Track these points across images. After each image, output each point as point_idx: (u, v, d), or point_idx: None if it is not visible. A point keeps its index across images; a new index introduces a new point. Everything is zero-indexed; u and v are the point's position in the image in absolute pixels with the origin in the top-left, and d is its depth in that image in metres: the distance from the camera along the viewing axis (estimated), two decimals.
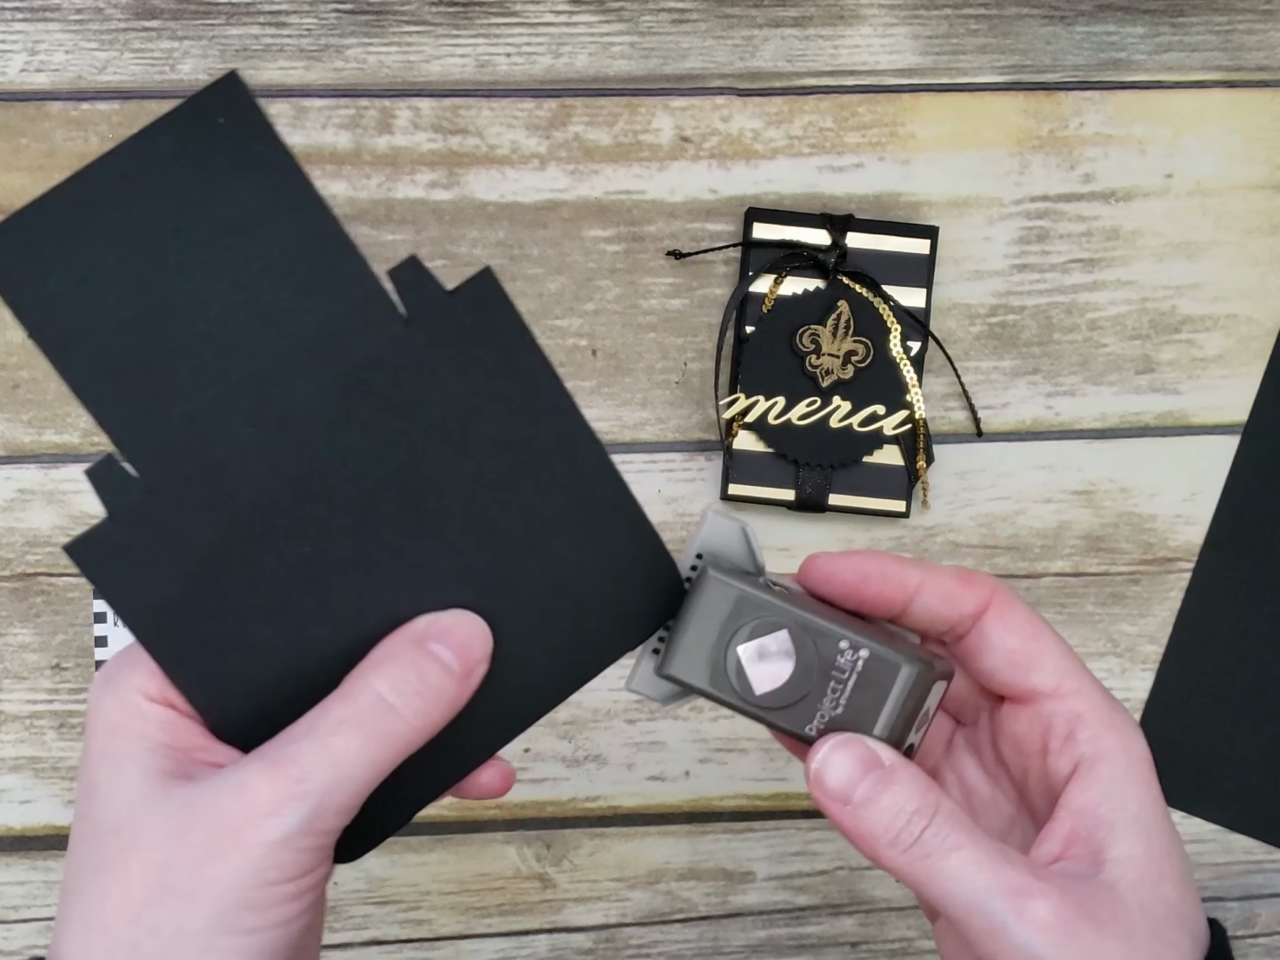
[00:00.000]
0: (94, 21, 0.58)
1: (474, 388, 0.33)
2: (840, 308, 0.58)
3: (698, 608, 0.34)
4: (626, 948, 0.59)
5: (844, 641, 0.33)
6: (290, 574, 0.32)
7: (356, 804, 0.31)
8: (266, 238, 0.31)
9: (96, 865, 0.31)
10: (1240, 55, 0.61)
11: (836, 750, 0.33)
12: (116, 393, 0.31)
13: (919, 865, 0.32)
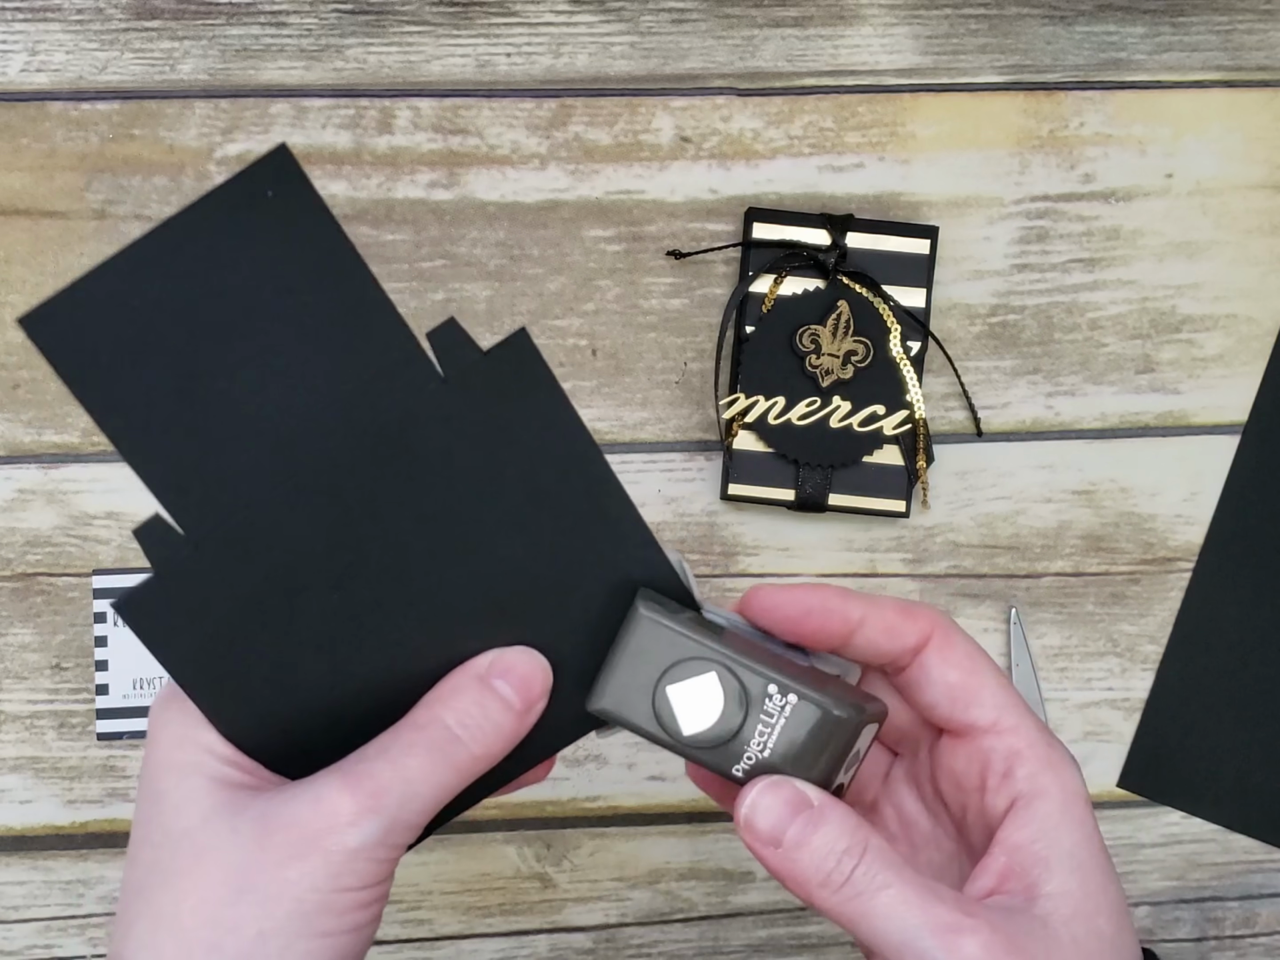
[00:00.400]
0: (94, 21, 0.58)
1: (507, 444, 0.34)
2: (840, 308, 0.58)
3: (629, 644, 0.34)
4: (627, 948, 0.59)
5: (772, 685, 0.33)
6: (321, 618, 0.34)
7: (424, 822, 0.33)
8: (309, 303, 0.33)
9: (168, 869, 0.32)
10: (1240, 55, 0.61)
11: (765, 793, 0.33)
12: (164, 455, 0.33)
13: (851, 905, 0.32)
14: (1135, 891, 0.60)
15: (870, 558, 0.59)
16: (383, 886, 0.33)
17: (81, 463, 0.57)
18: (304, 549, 0.33)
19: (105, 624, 0.57)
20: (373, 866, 0.32)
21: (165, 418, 0.33)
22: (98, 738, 0.57)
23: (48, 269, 0.57)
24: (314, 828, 0.31)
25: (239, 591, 0.33)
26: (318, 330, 0.33)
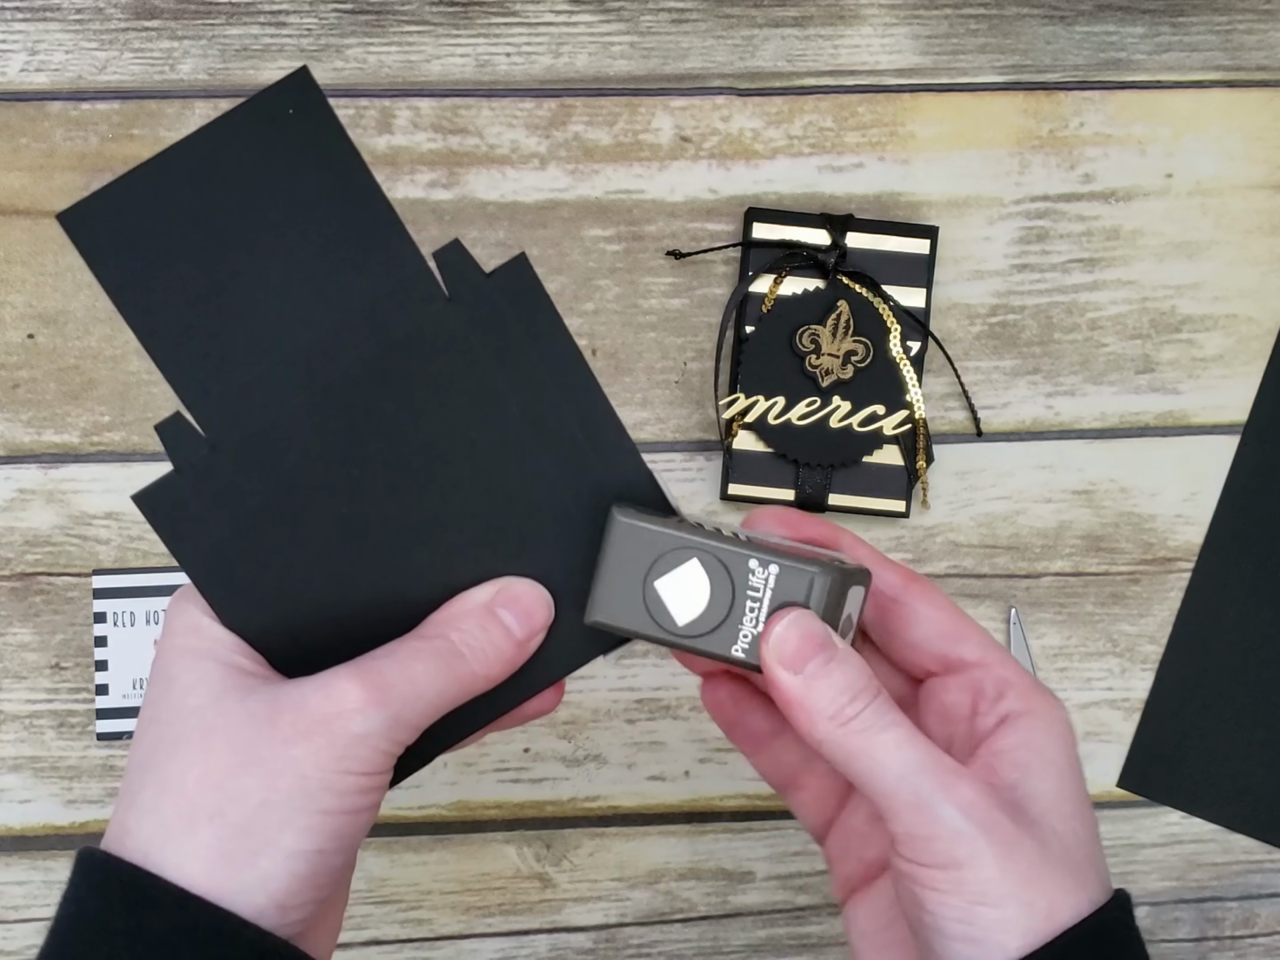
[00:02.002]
0: (94, 21, 0.58)
1: (506, 364, 0.36)
2: (840, 308, 0.58)
3: (610, 553, 0.35)
4: (626, 948, 0.59)
5: (753, 560, 0.35)
6: (329, 529, 0.36)
7: (423, 725, 0.34)
8: (325, 220, 0.35)
9: (176, 742, 0.33)
10: (1240, 55, 0.61)
11: (798, 621, 0.34)
12: (187, 357, 0.35)
13: (855, 739, 0.33)
14: (1135, 892, 0.60)
15: None
16: (382, 778, 0.34)
17: (81, 463, 0.57)
18: (316, 460, 0.35)
19: (105, 624, 0.57)
20: (375, 755, 0.33)
21: (189, 319, 0.34)
22: (97, 738, 0.57)
23: (48, 269, 0.57)
24: (323, 712, 0.33)
25: (253, 494, 0.35)
26: (333, 246, 0.35)
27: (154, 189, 0.34)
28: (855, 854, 0.40)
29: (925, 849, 0.33)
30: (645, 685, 0.58)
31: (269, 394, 0.35)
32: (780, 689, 0.34)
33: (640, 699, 0.58)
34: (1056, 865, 0.33)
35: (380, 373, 0.35)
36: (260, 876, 0.32)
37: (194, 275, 0.34)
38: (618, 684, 0.58)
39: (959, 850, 0.32)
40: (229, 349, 0.35)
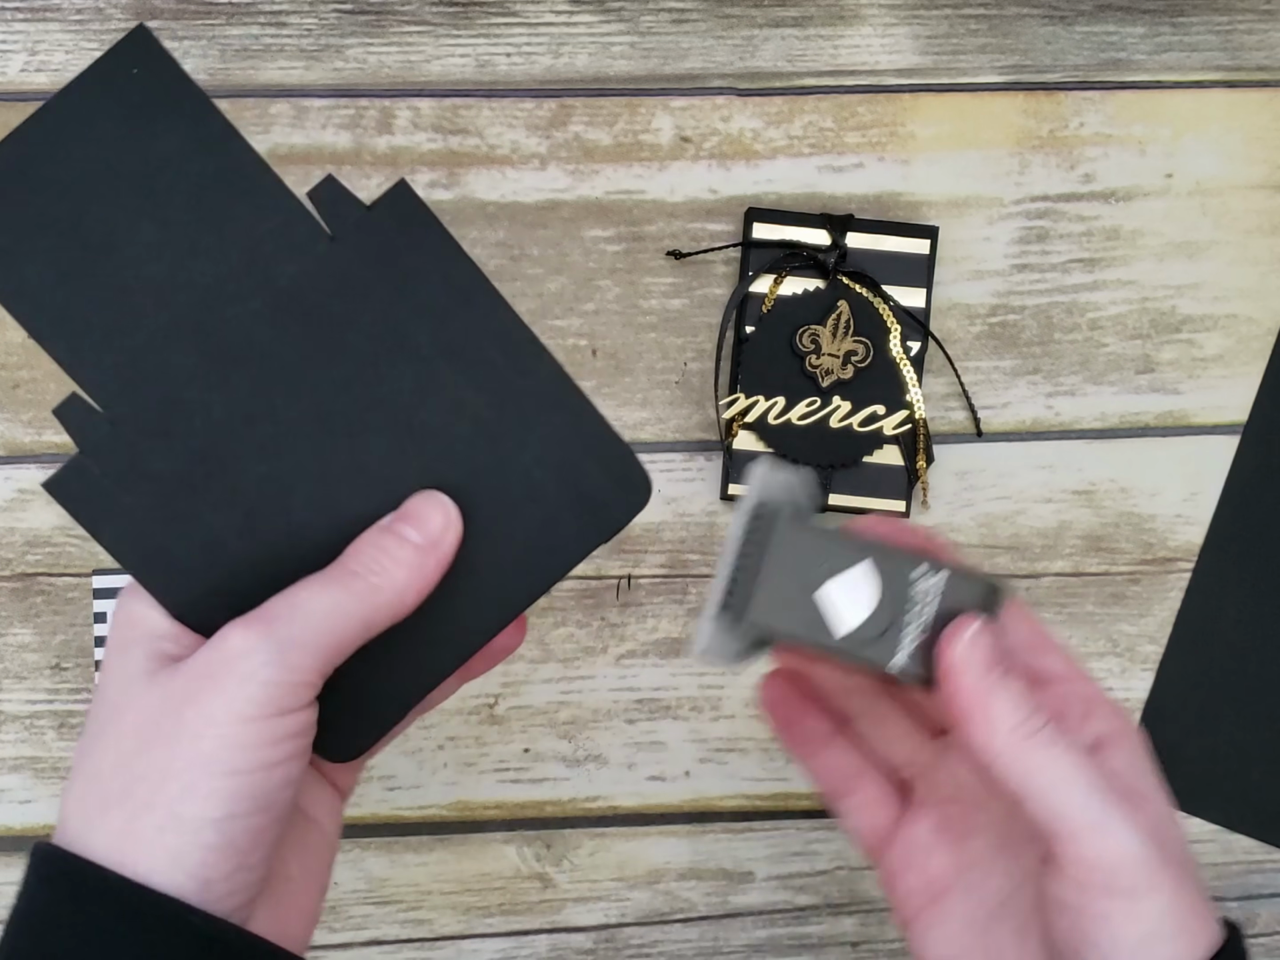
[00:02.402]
0: (94, 21, 0.58)
1: (405, 295, 0.35)
2: (840, 308, 0.58)
3: (772, 553, 0.34)
4: (626, 948, 0.59)
5: (923, 564, 0.34)
6: (252, 490, 0.35)
7: (326, 645, 0.33)
8: (189, 175, 0.34)
9: (96, 732, 0.33)
10: (1240, 55, 0.61)
11: (987, 630, 0.33)
12: (72, 334, 0.34)
13: (1038, 754, 0.32)
14: None
15: None
16: (290, 719, 0.32)
17: None
18: (223, 420, 0.34)
19: (105, 624, 0.57)
20: (269, 691, 0.32)
21: (67, 295, 0.34)
22: None
23: None
24: (210, 666, 0.32)
25: (165, 465, 0.34)
26: (200, 199, 0.34)
27: (9, 168, 0.34)
28: (919, 866, 0.39)
29: (1103, 875, 0.32)
30: (645, 685, 0.58)
31: (162, 359, 0.34)
32: (966, 695, 0.33)
33: (640, 699, 0.58)
34: (1202, 892, 0.33)
35: (273, 323, 0.34)
36: (170, 853, 0.31)
37: (63, 249, 0.34)
38: (618, 684, 0.58)
39: (1141, 878, 0.32)
40: (113, 319, 0.34)
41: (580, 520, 0.36)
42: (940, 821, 0.39)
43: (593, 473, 0.36)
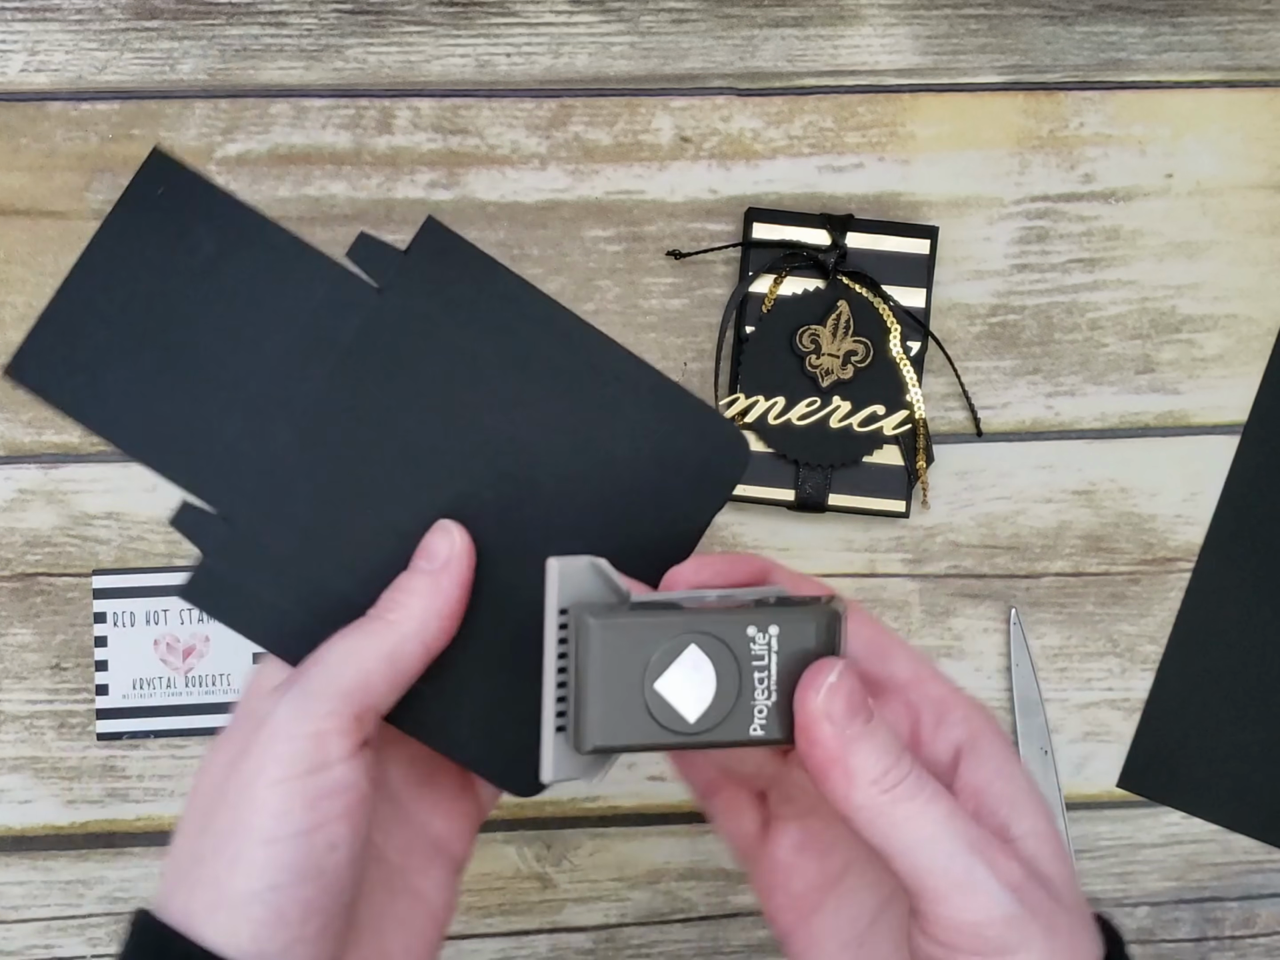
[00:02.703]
0: (94, 21, 0.58)
1: (460, 322, 0.36)
2: (840, 308, 0.58)
3: (593, 663, 0.31)
4: (626, 948, 0.59)
5: (751, 627, 0.32)
6: (368, 543, 0.36)
7: (349, 695, 0.32)
8: (236, 270, 0.36)
9: (187, 804, 0.33)
10: (1240, 55, 0.61)
11: (848, 672, 0.31)
12: (174, 446, 0.36)
13: (900, 808, 0.30)
14: (1135, 892, 0.60)
15: (870, 558, 0.59)
16: (326, 777, 0.31)
17: (81, 463, 0.57)
18: (325, 483, 0.36)
19: (105, 624, 0.57)
20: (296, 745, 0.31)
21: (157, 412, 0.36)
22: (97, 738, 0.57)
23: (47, 269, 0.57)
24: (244, 730, 0.32)
25: (285, 543, 0.35)
26: (252, 290, 0.36)
27: (78, 304, 0.36)
28: (783, 886, 0.37)
29: (972, 933, 0.30)
30: None
31: (256, 444, 0.36)
32: (823, 750, 0.31)
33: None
34: (1079, 925, 0.32)
35: (346, 379, 0.36)
36: (223, 930, 0.30)
37: (140, 370, 0.36)
38: None
39: (1011, 936, 0.30)
40: (203, 420, 0.36)
41: (693, 492, 0.37)
42: (801, 838, 0.37)
43: (690, 445, 0.37)
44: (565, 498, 0.36)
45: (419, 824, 0.37)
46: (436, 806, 0.38)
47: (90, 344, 0.36)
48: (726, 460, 0.37)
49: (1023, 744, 0.59)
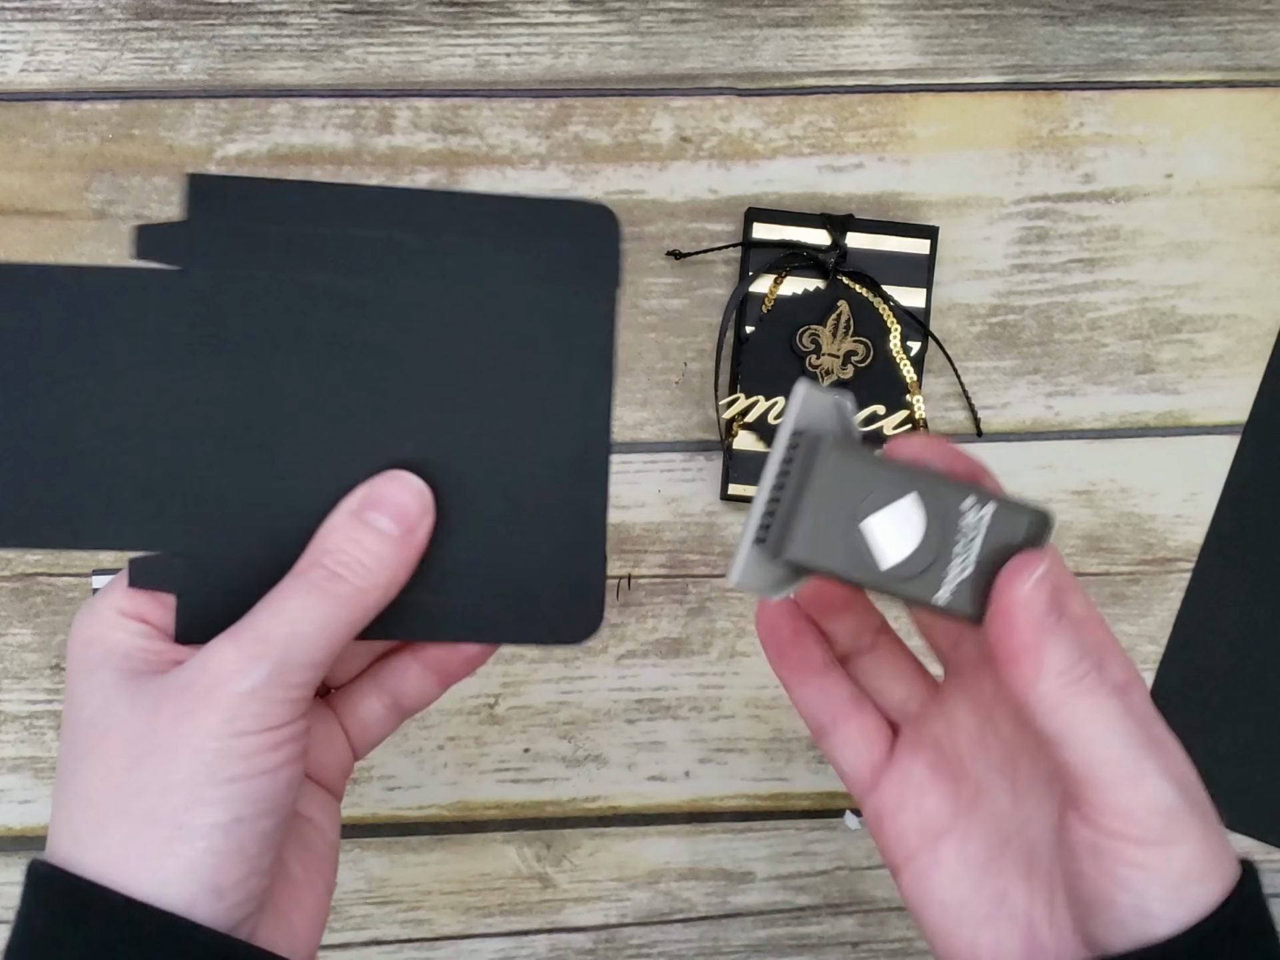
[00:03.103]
0: (94, 21, 0.58)
1: (279, 259, 0.34)
2: (840, 308, 0.58)
3: (814, 483, 0.33)
4: (626, 948, 0.59)
5: (970, 498, 0.33)
6: (269, 502, 0.35)
7: (320, 660, 0.33)
8: (80, 334, 0.34)
9: (77, 756, 0.33)
10: (1240, 55, 0.61)
11: (1056, 565, 0.32)
12: (92, 517, 0.35)
13: (1082, 700, 0.32)
14: None
15: None
16: (289, 728, 0.32)
17: None
18: (241, 470, 0.34)
19: None
20: (270, 708, 0.32)
21: (51, 493, 0.34)
22: None
23: None
24: (202, 684, 0.32)
25: (246, 544, 0.35)
26: (87, 338, 0.34)
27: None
28: (914, 805, 0.38)
29: (1139, 824, 0.32)
30: (645, 685, 0.58)
31: (148, 472, 0.34)
32: (1019, 636, 0.32)
33: (640, 699, 0.58)
34: (1221, 833, 0.33)
35: (199, 366, 0.34)
36: (181, 863, 0.31)
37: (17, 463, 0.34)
38: (618, 684, 0.58)
39: (1173, 827, 0.32)
40: (84, 480, 0.34)
41: (588, 291, 0.35)
42: (936, 760, 0.38)
43: (564, 251, 0.35)
44: (472, 380, 0.35)
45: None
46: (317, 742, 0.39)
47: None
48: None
49: None
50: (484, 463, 0.35)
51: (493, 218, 0.35)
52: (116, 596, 0.35)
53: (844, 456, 0.33)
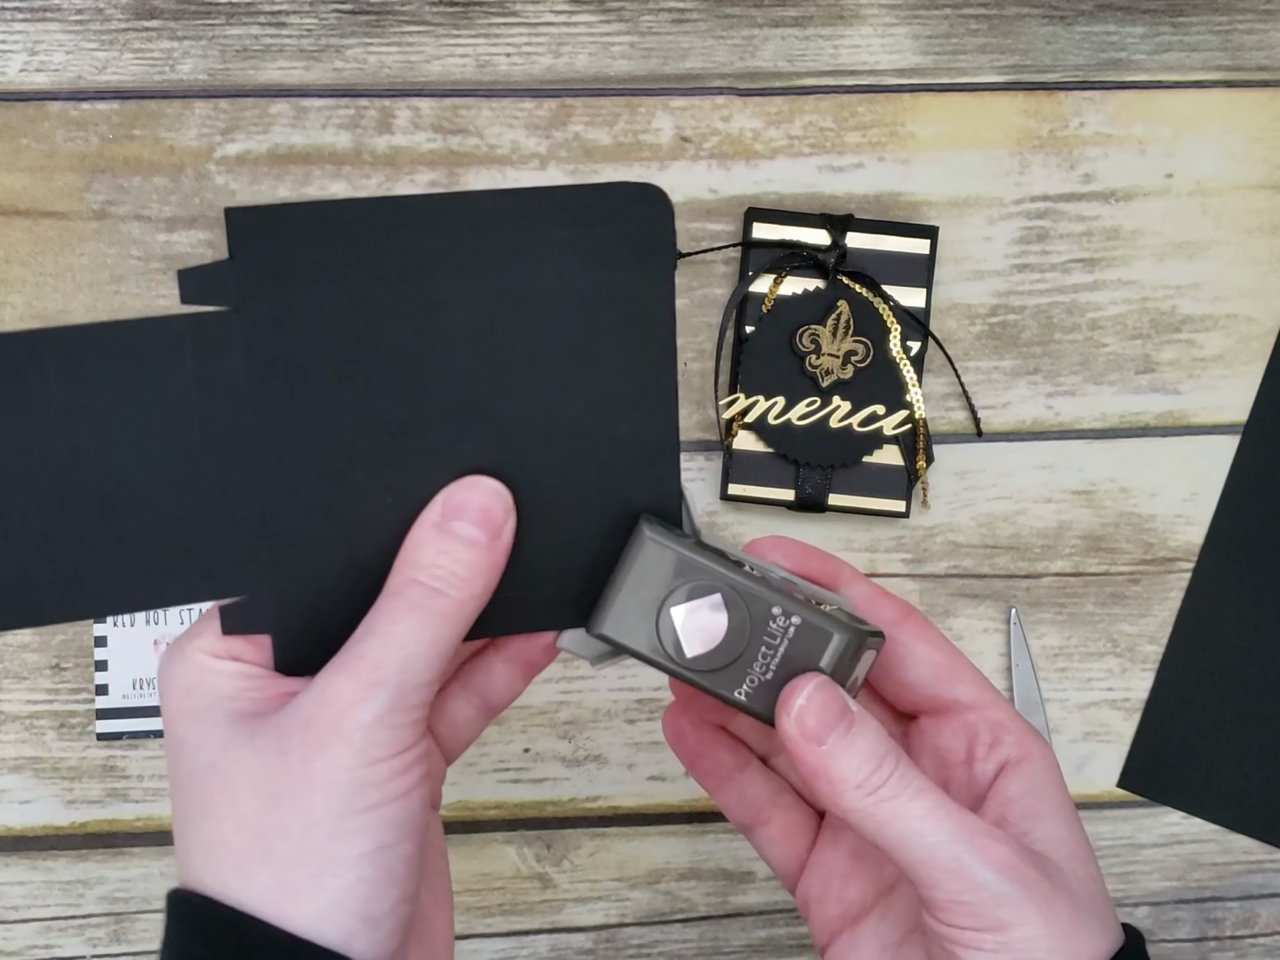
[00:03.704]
0: (94, 21, 0.58)
1: (332, 285, 0.33)
2: (840, 308, 0.58)
3: (633, 568, 0.34)
4: (626, 948, 0.59)
5: (776, 607, 0.34)
6: (355, 528, 0.34)
7: (433, 679, 0.33)
8: (94, 396, 0.33)
9: (202, 801, 0.32)
10: (1240, 55, 0.61)
11: (819, 690, 0.33)
12: (131, 586, 0.34)
13: (884, 807, 0.33)
14: (1135, 892, 0.60)
15: (870, 558, 0.59)
16: (415, 750, 0.32)
17: None
18: (314, 496, 0.34)
19: (105, 624, 0.57)
20: (395, 733, 0.32)
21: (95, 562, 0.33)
22: (97, 738, 0.57)
23: (47, 269, 0.57)
24: (326, 719, 0.32)
25: (327, 583, 0.34)
26: (124, 401, 0.33)
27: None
28: (836, 894, 0.39)
29: (968, 914, 0.33)
30: (645, 685, 0.58)
31: (227, 515, 0.34)
32: (803, 761, 0.34)
33: (640, 699, 0.58)
34: (1086, 913, 0.34)
35: (269, 405, 0.34)
36: (333, 897, 0.31)
37: (69, 533, 0.33)
38: (618, 684, 0.58)
39: (1004, 913, 0.32)
40: (139, 536, 0.33)
41: (640, 275, 0.36)
42: (859, 847, 0.39)
43: (616, 239, 0.35)
44: (537, 375, 0.35)
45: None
46: None
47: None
48: (652, 221, 0.36)
49: None
50: (555, 455, 0.35)
51: (541, 211, 0.34)
52: (207, 640, 0.34)
53: (664, 546, 0.34)
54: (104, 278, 0.57)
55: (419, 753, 0.33)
